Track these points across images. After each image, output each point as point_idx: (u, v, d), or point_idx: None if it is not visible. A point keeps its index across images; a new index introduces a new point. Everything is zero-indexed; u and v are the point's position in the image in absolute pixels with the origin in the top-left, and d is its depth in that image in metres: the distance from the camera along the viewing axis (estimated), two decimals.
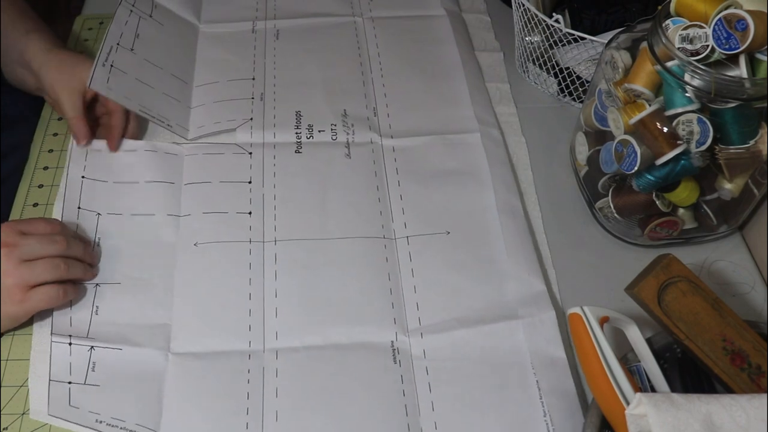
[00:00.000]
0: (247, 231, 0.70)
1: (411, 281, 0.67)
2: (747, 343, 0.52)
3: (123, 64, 0.77)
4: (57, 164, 0.77)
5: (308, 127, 0.80)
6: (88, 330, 0.63)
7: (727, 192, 0.64)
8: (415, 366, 0.62)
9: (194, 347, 0.63)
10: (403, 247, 0.70)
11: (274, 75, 0.86)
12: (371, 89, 0.85)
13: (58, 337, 0.62)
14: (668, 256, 0.55)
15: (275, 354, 0.62)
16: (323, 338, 0.63)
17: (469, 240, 0.70)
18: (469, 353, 0.63)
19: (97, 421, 0.58)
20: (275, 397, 0.60)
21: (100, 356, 0.61)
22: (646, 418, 0.46)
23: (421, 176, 0.76)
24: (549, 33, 0.80)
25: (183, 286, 0.66)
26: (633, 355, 0.55)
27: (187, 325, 0.64)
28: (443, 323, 0.65)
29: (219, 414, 0.59)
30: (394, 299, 0.66)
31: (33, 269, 0.61)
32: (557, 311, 0.66)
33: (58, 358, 0.61)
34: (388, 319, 0.65)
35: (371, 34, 0.92)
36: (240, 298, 0.66)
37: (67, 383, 0.60)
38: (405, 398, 0.60)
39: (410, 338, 0.64)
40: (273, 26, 0.92)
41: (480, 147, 0.78)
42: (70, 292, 0.63)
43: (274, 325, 0.64)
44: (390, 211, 0.73)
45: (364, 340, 0.63)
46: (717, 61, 0.59)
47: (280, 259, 0.69)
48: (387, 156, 0.78)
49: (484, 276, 0.68)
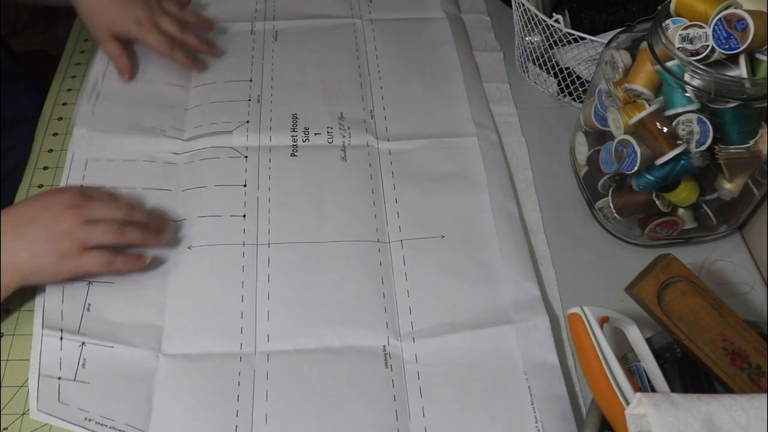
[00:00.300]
0: (241, 234, 0.70)
1: (404, 285, 0.67)
2: (747, 343, 0.52)
3: (110, 92, 0.82)
4: (57, 164, 0.77)
5: (304, 130, 0.80)
6: (79, 326, 0.63)
7: (727, 192, 0.64)
8: (406, 371, 0.62)
9: (186, 349, 0.63)
10: (397, 251, 0.70)
11: (271, 77, 0.86)
12: (369, 92, 0.85)
13: (49, 331, 0.62)
14: (668, 256, 0.55)
15: (266, 357, 0.62)
16: (315, 341, 0.63)
17: (463, 244, 0.70)
18: (461, 358, 0.62)
19: (86, 419, 0.58)
20: (265, 399, 0.60)
21: (91, 353, 0.62)
22: (646, 417, 0.46)
23: (417, 180, 0.76)
24: (549, 33, 0.80)
25: (176, 287, 0.66)
26: (633, 355, 0.55)
27: (179, 327, 0.64)
28: (436, 327, 0.64)
29: (209, 416, 0.59)
30: (387, 303, 0.66)
31: (92, 231, 0.62)
32: (554, 314, 0.66)
33: (48, 353, 0.61)
34: (381, 323, 0.65)
35: (370, 36, 0.92)
36: (232, 301, 0.66)
37: (56, 378, 0.60)
38: (396, 403, 0.60)
39: (402, 343, 0.63)
40: (272, 27, 0.92)
41: (477, 151, 0.78)
42: (119, 262, 0.64)
43: (266, 327, 0.64)
44: (385, 214, 0.73)
45: (356, 344, 0.63)
46: (717, 61, 0.59)
47: (274, 261, 0.69)
48: (383, 159, 0.78)
49: (478, 280, 0.67)
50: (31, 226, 0.61)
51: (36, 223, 0.61)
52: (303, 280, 0.67)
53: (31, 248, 0.61)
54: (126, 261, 0.65)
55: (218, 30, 0.91)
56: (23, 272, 0.61)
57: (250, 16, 0.94)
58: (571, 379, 0.62)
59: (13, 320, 0.65)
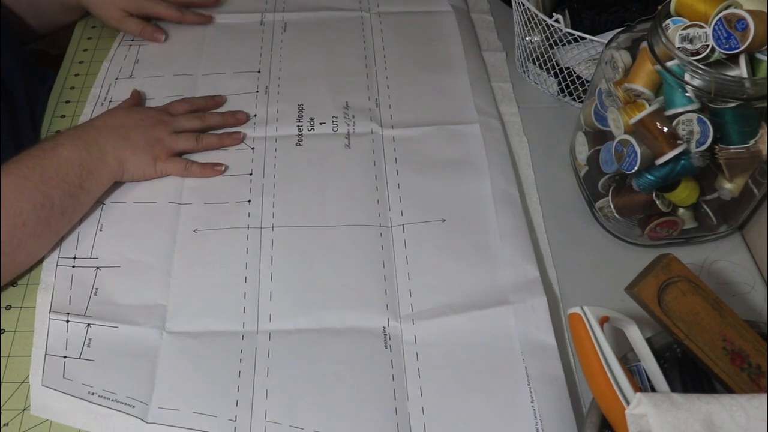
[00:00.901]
0: (245, 218, 0.72)
1: (405, 268, 0.68)
2: (747, 343, 0.52)
3: (122, 94, 0.83)
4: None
5: (310, 120, 0.81)
6: (86, 309, 0.65)
7: (727, 192, 0.64)
8: (405, 351, 0.62)
9: (189, 327, 0.64)
10: (398, 235, 0.70)
11: (279, 68, 0.87)
12: (374, 81, 0.86)
13: (56, 315, 0.64)
14: (668, 255, 0.55)
15: (268, 335, 0.63)
16: (316, 321, 0.64)
17: (464, 227, 0.71)
18: (460, 339, 0.63)
19: (90, 393, 0.60)
20: (266, 376, 0.61)
21: (97, 333, 0.63)
22: (646, 417, 0.46)
23: (420, 166, 0.77)
24: (549, 33, 0.80)
25: (181, 268, 0.68)
26: (633, 354, 0.55)
27: (183, 306, 0.65)
28: (435, 309, 0.65)
29: (210, 389, 0.60)
30: (388, 286, 0.67)
31: (177, 140, 0.75)
32: (553, 300, 0.66)
33: (55, 334, 0.63)
34: (381, 305, 0.65)
35: (377, 28, 0.93)
36: (236, 281, 0.67)
37: (62, 357, 0.62)
38: (394, 383, 0.60)
39: (402, 324, 0.64)
40: (281, 19, 0.94)
41: (479, 137, 0.79)
42: (193, 170, 0.75)
43: (268, 307, 0.65)
44: (387, 199, 0.73)
45: (357, 325, 0.64)
46: (717, 61, 0.59)
47: (277, 244, 0.70)
48: (387, 146, 0.78)
49: (478, 262, 0.68)
50: (133, 130, 0.73)
51: (137, 129, 0.73)
52: (305, 262, 0.68)
53: (133, 147, 0.72)
54: (201, 169, 0.75)
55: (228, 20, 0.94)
56: (125, 166, 0.72)
57: (260, 6, 0.95)
58: (568, 361, 0.63)
59: (14, 317, 0.66)
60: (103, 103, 0.83)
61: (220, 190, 0.74)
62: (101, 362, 0.62)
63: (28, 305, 0.66)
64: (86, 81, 0.86)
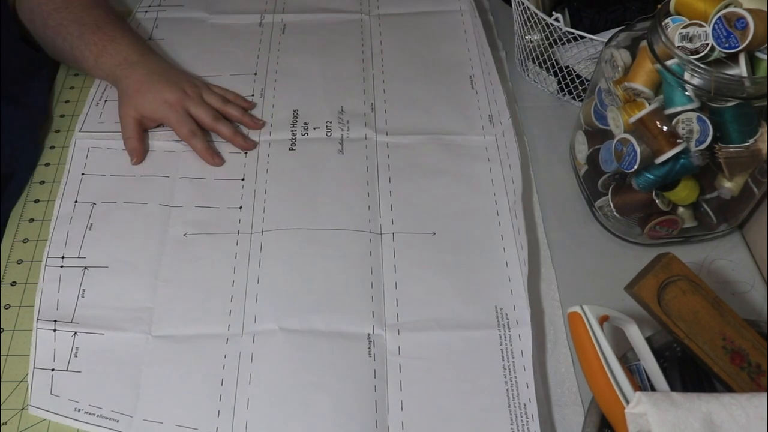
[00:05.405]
0: (236, 224, 0.71)
1: (393, 277, 0.68)
2: (747, 342, 0.52)
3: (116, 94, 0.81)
4: (58, 161, 0.78)
5: (304, 125, 0.80)
6: (73, 314, 0.65)
7: (727, 191, 0.64)
8: (388, 362, 0.62)
9: (174, 330, 0.64)
10: (388, 243, 0.70)
11: (275, 70, 0.87)
12: (371, 86, 0.85)
13: (43, 323, 0.64)
14: (668, 254, 0.55)
15: (252, 338, 0.63)
16: (301, 323, 0.64)
17: (454, 244, 0.70)
18: (444, 356, 0.62)
19: (75, 410, 0.60)
20: (248, 383, 0.61)
21: (83, 341, 0.63)
22: (646, 416, 0.46)
23: (413, 175, 0.76)
24: (549, 32, 0.80)
25: (168, 271, 0.68)
26: (633, 354, 0.55)
27: (168, 309, 0.65)
28: (421, 322, 0.65)
29: (192, 399, 0.60)
30: (375, 293, 0.66)
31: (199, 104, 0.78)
32: (555, 313, 0.66)
33: (42, 345, 0.63)
34: (367, 311, 0.65)
35: (376, 31, 0.92)
36: (223, 285, 0.67)
37: (50, 370, 0.61)
38: (376, 394, 0.60)
39: (387, 333, 0.64)
40: (280, 20, 0.93)
41: (475, 150, 0.78)
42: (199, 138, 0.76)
43: (253, 309, 0.65)
44: (378, 206, 0.73)
45: (341, 329, 0.64)
46: (717, 60, 0.59)
47: (266, 247, 0.70)
48: (380, 152, 0.78)
49: (466, 282, 0.67)
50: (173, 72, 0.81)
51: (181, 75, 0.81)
52: (293, 265, 0.68)
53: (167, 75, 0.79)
54: (206, 147, 0.76)
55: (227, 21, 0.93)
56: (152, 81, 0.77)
57: (260, 8, 0.95)
58: (570, 364, 0.63)
59: (13, 316, 0.66)
60: (99, 102, 0.82)
61: (212, 194, 0.74)
62: (87, 373, 0.61)
63: (26, 304, 0.66)
64: (86, 81, 0.86)
